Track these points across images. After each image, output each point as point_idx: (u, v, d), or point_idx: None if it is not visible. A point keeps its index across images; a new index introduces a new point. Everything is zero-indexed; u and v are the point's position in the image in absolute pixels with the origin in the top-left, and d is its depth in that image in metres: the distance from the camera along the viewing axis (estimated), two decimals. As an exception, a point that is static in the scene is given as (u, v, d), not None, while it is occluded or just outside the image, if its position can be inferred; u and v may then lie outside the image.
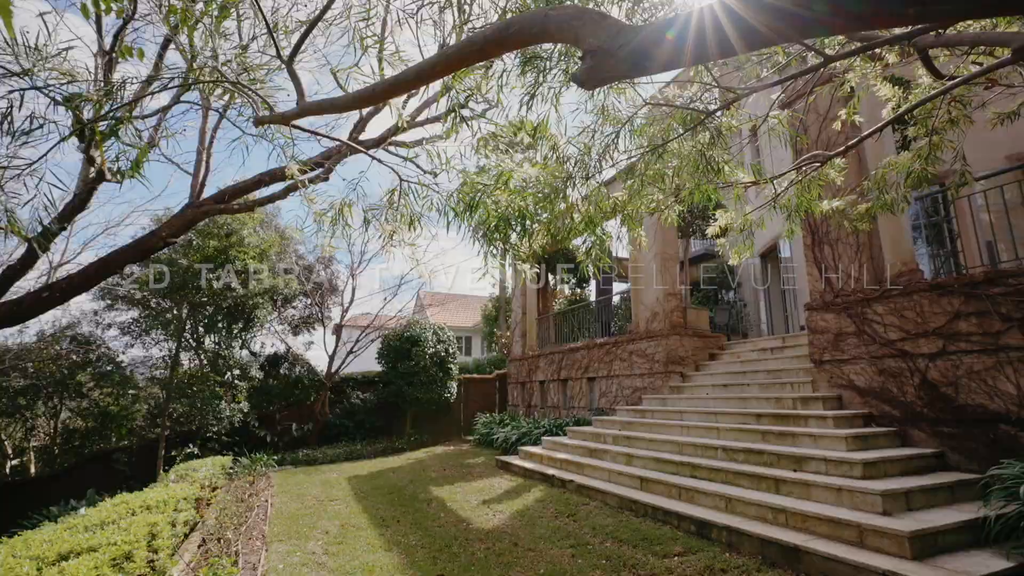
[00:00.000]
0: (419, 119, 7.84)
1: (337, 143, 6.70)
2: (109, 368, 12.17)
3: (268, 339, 16.88)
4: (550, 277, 16.65)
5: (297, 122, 3.51)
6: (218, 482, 7.85)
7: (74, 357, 11.94)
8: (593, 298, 14.92)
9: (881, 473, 4.71)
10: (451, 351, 14.96)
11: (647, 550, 4.65)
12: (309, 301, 16.34)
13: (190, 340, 13.37)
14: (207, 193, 8.25)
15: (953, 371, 5.19)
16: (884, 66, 3.63)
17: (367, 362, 16.88)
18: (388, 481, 8.81)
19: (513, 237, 3.66)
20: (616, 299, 14.04)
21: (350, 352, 14.97)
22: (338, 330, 15.86)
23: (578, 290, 17.42)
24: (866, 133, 3.52)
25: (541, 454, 8.64)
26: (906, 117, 3.26)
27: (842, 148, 3.76)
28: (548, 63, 3.04)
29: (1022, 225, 6.02)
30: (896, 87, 3.52)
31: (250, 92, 3.44)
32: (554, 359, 13.11)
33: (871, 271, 6.11)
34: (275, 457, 11.35)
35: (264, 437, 13.33)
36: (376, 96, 2.75)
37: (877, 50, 3.30)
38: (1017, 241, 6.54)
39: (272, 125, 3.58)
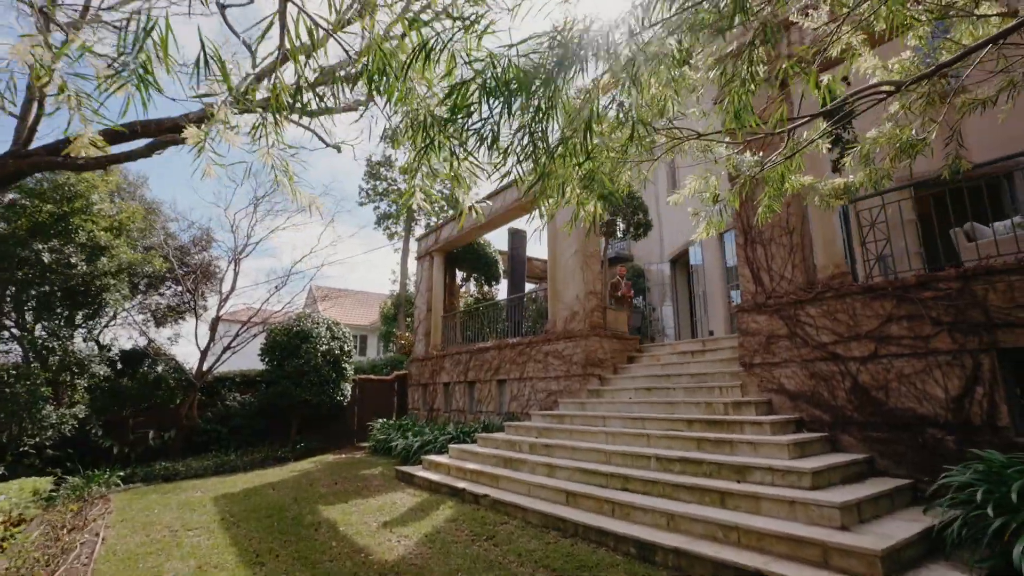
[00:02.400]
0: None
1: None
2: None
3: (125, 330, 14.26)
4: (458, 274, 15.80)
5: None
6: (27, 513, 6.00)
7: None
8: (504, 296, 14.25)
9: (826, 482, 4.45)
10: (347, 349, 13.53)
11: (586, 580, 3.98)
12: (181, 288, 13.99)
13: (10, 326, 10.69)
14: (41, 142, 6.46)
15: (884, 375, 5.12)
16: (868, 35, 3.26)
17: (248, 360, 14.84)
18: (267, 500, 7.40)
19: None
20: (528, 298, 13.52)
21: (227, 348, 12.97)
22: (215, 323, 13.70)
23: (487, 288, 16.71)
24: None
25: (448, 464, 7.73)
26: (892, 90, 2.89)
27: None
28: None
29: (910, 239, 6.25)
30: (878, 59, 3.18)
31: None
32: (461, 360, 12.26)
33: (803, 273, 6.00)
34: (120, 473, 9.30)
35: (110, 448, 11.03)
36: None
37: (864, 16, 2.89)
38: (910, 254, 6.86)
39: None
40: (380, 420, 13.00)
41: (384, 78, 2.37)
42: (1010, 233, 5.47)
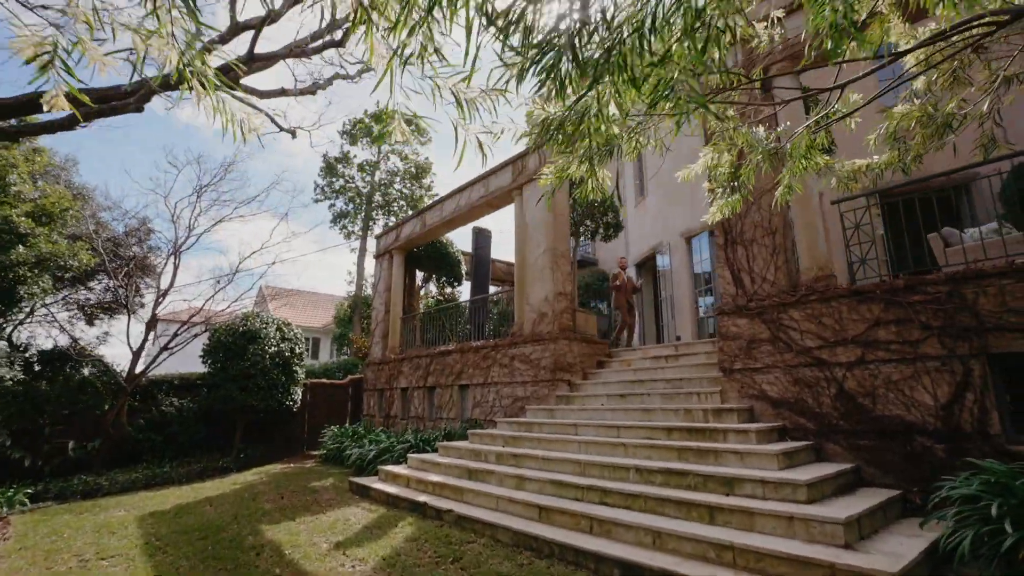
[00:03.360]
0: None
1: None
2: None
3: (44, 328, 12.92)
4: (419, 275, 15.18)
5: None
6: (-99, 539, 5.06)
7: None
8: (467, 298, 13.72)
9: (820, 495, 4.18)
10: (298, 351, 12.66)
11: (568, 610, 3.53)
12: (114, 283, 12.74)
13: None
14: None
15: (871, 381, 4.94)
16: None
17: (189, 362, 13.69)
18: (202, 519, 6.61)
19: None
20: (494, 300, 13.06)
21: (165, 348, 11.86)
22: (152, 321, 12.52)
23: (449, 290, 16.15)
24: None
25: (408, 475, 7.15)
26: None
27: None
28: None
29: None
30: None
31: None
32: (420, 363, 11.66)
33: (787, 275, 5.81)
34: (29, 490, 8.22)
35: (21, 460, 9.81)
36: None
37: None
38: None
39: None
40: (333, 427, 12.21)
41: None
42: (992, 238, 5.43)
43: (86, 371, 11.54)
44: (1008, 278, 4.31)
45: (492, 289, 15.20)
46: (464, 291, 16.55)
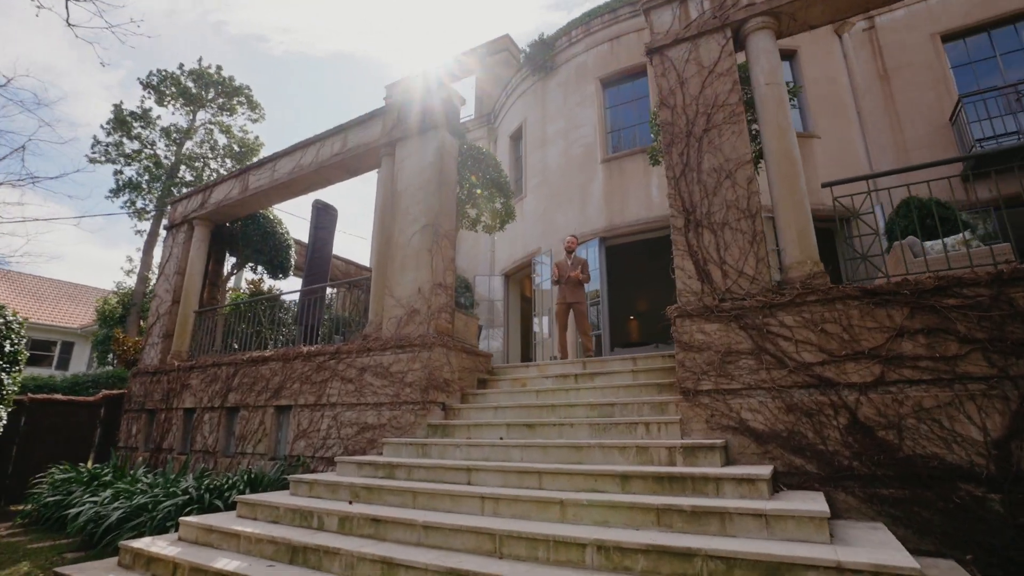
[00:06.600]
0: None
1: None
2: None
3: None
4: (228, 260, 11.52)
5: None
6: None
7: None
8: (299, 290, 10.51)
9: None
10: (13, 350, 8.19)
11: None
12: None
13: None
14: None
15: (895, 408, 3.70)
16: None
17: None
18: None
19: None
20: (332, 295, 10.20)
21: None
22: None
23: (272, 282, 12.68)
24: None
25: (176, 560, 4.13)
26: None
27: None
28: None
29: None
30: None
31: None
32: (219, 374, 8.29)
33: (771, 269, 4.48)
34: None
35: None
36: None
37: None
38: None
39: None
40: (61, 466, 7.99)
41: None
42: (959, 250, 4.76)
43: None
44: (1073, 279, 3.41)
45: (330, 292, 12.18)
46: (295, 286, 13.16)
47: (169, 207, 11.10)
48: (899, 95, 10.29)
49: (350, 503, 4.56)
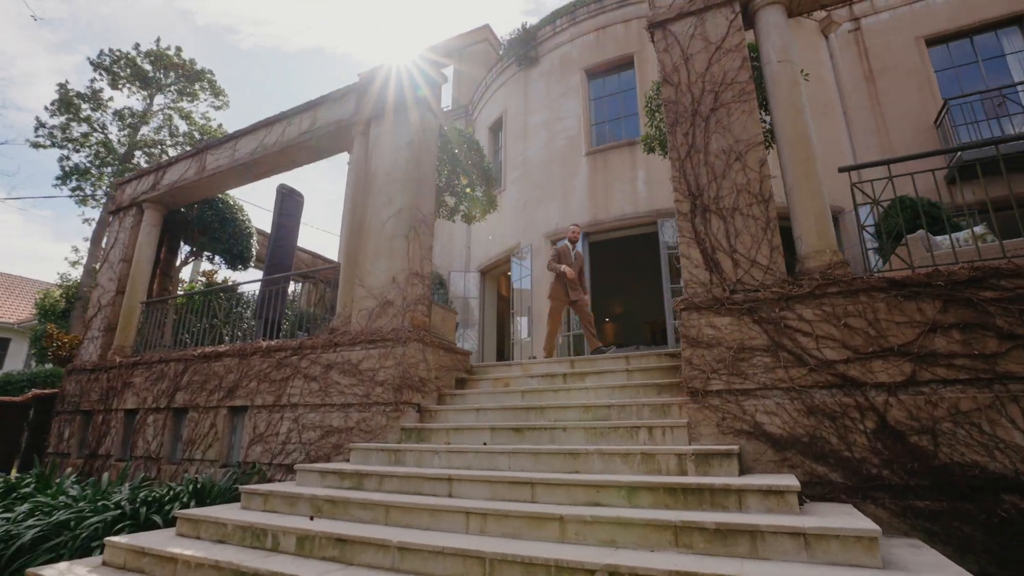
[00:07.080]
0: None
1: None
2: None
3: None
4: (184, 248, 10.65)
5: None
6: None
7: None
8: (259, 280, 9.73)
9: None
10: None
11: None
12: None
13: None
14: None
15: (929, 410, 3.35)
16: None
17: None
18: None
19: None
20: (297, 288, 9.49)
21: None
22: None
23: (229, 273, 11.80)
24: None
25: (101, 586, 3.47)
26: None
27: None
28: None
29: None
30: None
31: None
32: (167, 372, 7.50)
33: (786, 258, 4.11)
34: None
35: None
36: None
37: None
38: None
39: None
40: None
41: None
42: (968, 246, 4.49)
43: None
44: (1124, 270, 3.12)
45: (293, 287, 11.38)
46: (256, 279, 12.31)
47: (116, 189, 10.15)
48: (884, 97, 10.27)
49: (311, 519, 3.96)
